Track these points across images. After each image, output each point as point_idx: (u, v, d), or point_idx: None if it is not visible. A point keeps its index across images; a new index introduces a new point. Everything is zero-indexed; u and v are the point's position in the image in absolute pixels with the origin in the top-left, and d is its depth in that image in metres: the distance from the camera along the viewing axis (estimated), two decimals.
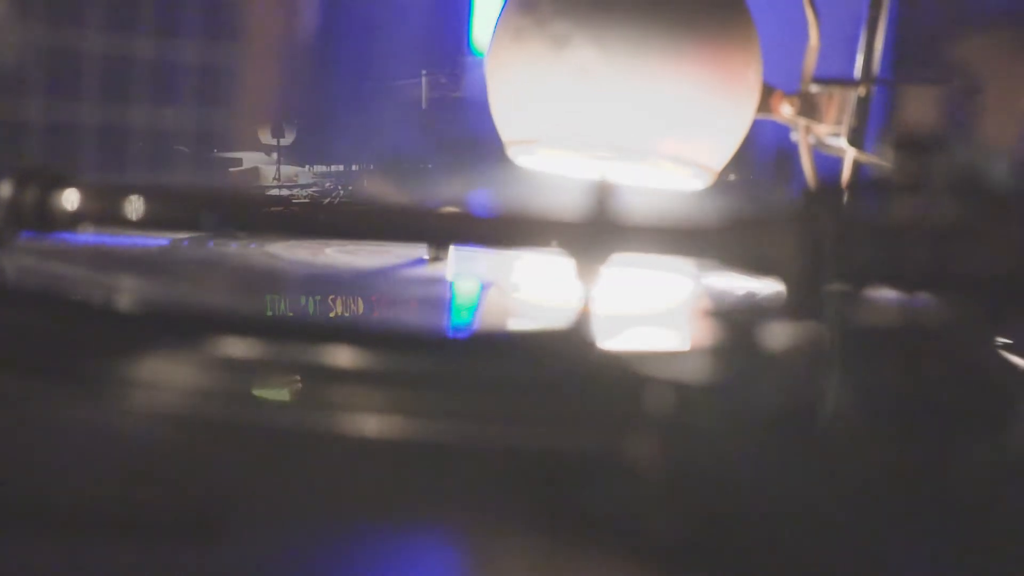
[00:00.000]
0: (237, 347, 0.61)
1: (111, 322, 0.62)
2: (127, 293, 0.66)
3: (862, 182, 0.80)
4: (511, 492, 0.62)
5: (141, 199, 0.59)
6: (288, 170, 1.81)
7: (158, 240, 0.76)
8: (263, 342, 0.62)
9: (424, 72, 2.09)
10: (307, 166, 1.86)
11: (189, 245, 0.77)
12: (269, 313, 0.69)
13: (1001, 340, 0.81)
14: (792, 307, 0.53)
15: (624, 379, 0.56)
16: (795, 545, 0.61)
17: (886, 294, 0.57)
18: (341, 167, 1.82)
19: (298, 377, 0.61)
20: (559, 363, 0.57)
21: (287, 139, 1.86)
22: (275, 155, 1.82)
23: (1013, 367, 0.76)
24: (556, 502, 0.61)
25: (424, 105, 2.11)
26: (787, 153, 0.96)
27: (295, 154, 1.86)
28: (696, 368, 0.57)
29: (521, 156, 0.85)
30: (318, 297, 0.69)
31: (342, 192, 1.65)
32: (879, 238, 0.51)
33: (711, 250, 0.53)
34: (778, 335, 0.56)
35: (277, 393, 0.63)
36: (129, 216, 0.58)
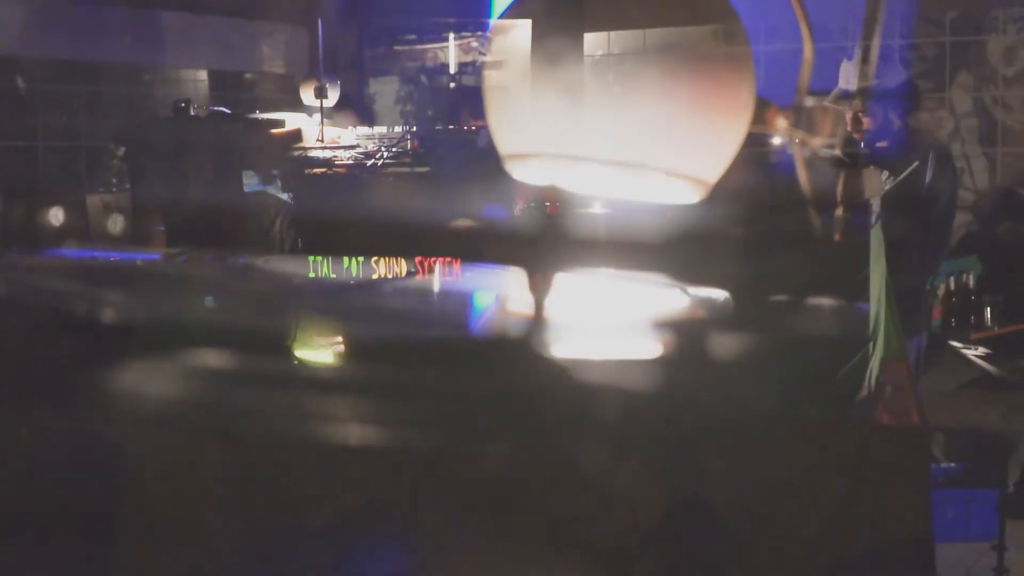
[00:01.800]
0: (216, 358, 0.64)
1: (96, 335, 0.64)
2: (113, 307, 0.69)
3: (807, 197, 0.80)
4: (466, 496, 0.63)
5: (126, 215, 0.62)
6: (331, 132, 1.77)
7: (148, 255, 0.78)
8: (241, 353, 0.64)
9: (453, 34, 2.03)
10: (350, 128, 1.82)
11: (186, 260, 0.80)
12: (312, 275, 0.71)
13: (983, 349, 0.81)
14: (740, 317, 0.54)
15: (575, 387, 0.57)
16: (745, 545, 0.61)
17: (832, 304, 0.58)
18: (384, 128, 1.78)
19: (340, 338, 0.62)
20: (514, 371, 0.58)
21: (330, 100, 1.80)
22: (318, 116, 1.76)
23: (984, 371, 0.76)
24: (511, 506, 0.62)
25: (453, 70, 2.07)
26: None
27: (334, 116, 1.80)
28: (645, 376, 0.58)
29: (518, 169, 0.87)
30: (361, 258, 0.70)
31: (386, 154, 1.62)
32: (822, 250, 0.52)
33: (659, 263, 0.54)
34: (724, 344, 0.57)
35: (319, 353, 0.64)
36: (113, 232, 0.61)
